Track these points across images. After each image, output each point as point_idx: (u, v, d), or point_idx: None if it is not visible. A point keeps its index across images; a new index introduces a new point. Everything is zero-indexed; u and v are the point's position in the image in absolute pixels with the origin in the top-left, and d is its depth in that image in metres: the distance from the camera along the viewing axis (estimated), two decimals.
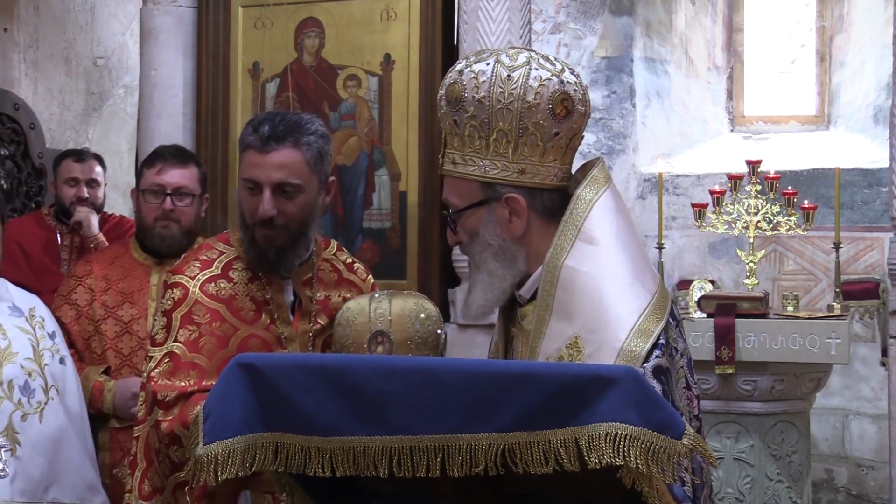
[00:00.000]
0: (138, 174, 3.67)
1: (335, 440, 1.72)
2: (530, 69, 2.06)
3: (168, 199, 3.53)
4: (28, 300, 2.88)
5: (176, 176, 3.55)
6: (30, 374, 2.69)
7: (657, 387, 1.97)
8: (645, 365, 1.96)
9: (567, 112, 2.08)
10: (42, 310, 2.91)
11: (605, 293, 2.01)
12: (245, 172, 2.63)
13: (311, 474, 1.74)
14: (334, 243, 2.93)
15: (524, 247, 2.12)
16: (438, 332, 2.40)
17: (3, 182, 5.93)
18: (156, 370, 2.62)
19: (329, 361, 1.86)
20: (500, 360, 2.10)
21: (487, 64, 2.07)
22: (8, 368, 2.67)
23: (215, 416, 1.81)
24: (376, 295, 2.51)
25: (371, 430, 1.71)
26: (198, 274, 2.69)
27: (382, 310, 2.37)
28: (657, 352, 1.98)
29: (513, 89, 2.05)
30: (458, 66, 2.12)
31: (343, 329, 2.51)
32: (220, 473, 1.79)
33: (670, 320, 2.04)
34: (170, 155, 3.62)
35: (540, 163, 2.10)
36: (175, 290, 2.68)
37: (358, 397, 1.71)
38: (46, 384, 2.72)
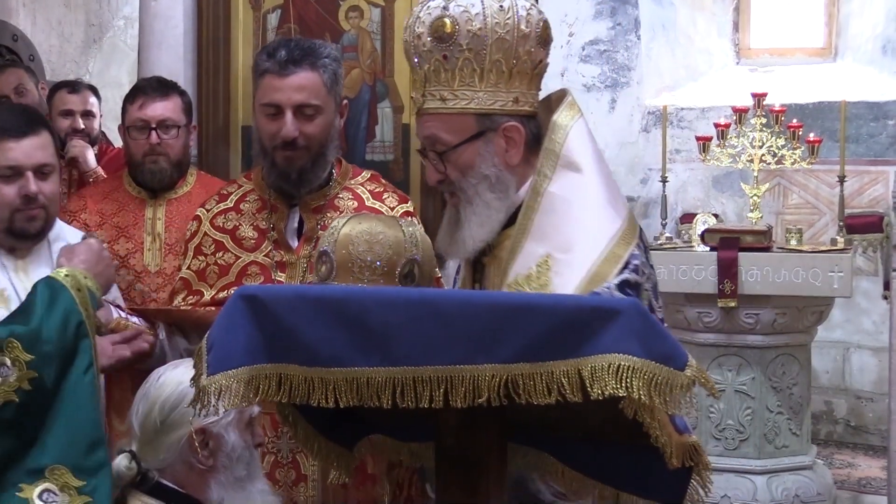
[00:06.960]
0: (122, 110, 3.58)
1: (338, 371, 1.73)
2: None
3: (153, 133, 3.44)
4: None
5: (159, 109, 3.47)
6: None
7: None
8: (611, 283, 2.00)
9: (547, 39, 2.15)
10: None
11: (579, 216, 2.07)
12: (265, 97, 2.72)
13: (315, 405, 1.75)
14: (368, 173, 2.96)
15: (516, 175, 2.15)
16: (395, 258, 2.16)
17: None
18: (178, 297, 2.89)
19: (332, 293, 1.86)
20: (504, 292, 2.09)
21: None
22: None
23: (219, 347, 1.82)
24: (349, 217, 2.35)
25: (374, 362, 1.71)
26: (213, 207, 2.91)
27: (333, 229, 2.25)
28: (626, 272, 2.02)
29: (507, 19, 2.08)
30: (434, 3, 2.11)
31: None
32: (224, 404, 1.80)
33: (640, 244, 2.09)
34: (150, 88, 3.53)
35: (528, 91, 2.15)
36: (193, 223, 2.94)
37: (361, 329, 1.72)
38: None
